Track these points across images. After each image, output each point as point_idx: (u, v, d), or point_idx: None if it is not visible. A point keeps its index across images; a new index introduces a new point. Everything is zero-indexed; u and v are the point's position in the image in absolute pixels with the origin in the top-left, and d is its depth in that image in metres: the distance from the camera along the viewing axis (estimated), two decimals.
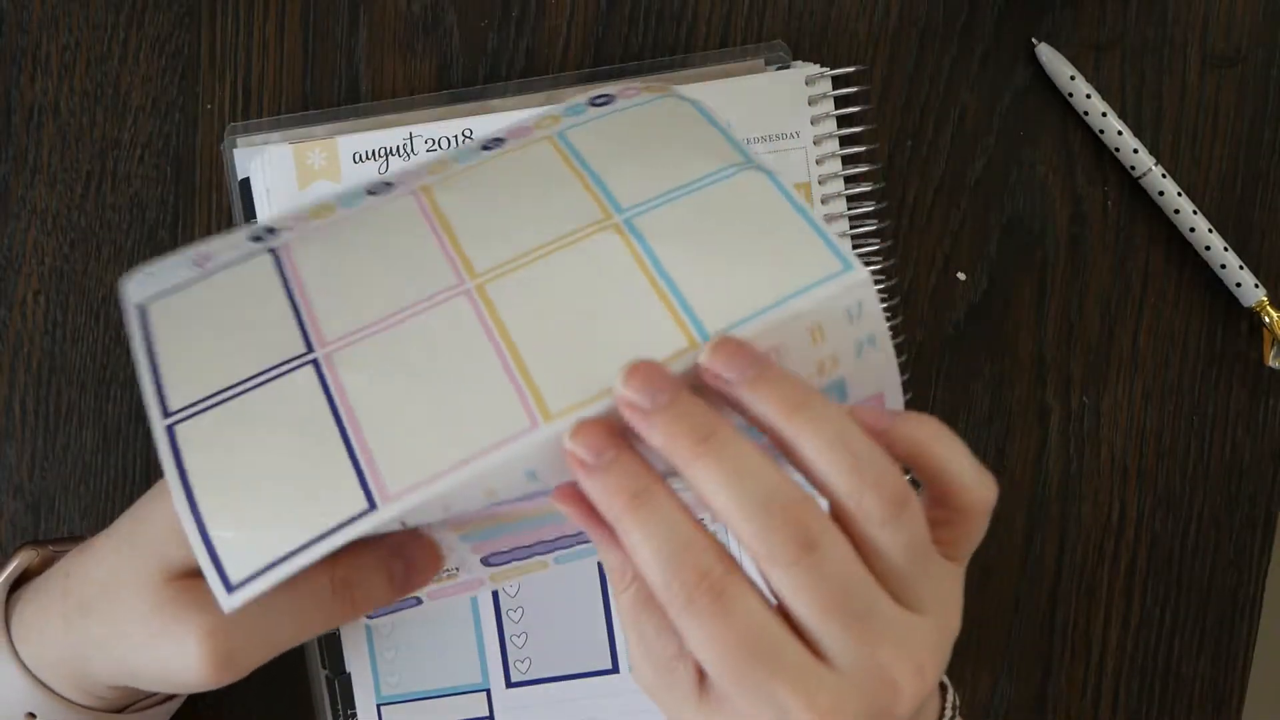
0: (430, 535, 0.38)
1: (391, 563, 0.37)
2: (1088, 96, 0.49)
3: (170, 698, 0.43)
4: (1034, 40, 0.50)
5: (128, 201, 0.48)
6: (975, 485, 0.34)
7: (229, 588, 0.32)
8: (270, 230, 0.40)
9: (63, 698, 0.39)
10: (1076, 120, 0.50)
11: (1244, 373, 0.51)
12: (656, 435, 0.32)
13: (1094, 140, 0.50)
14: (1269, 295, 0.50)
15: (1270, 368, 0.50)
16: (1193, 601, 0.51)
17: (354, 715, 0.46)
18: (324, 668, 0.46)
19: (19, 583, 0.41)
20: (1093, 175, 0.50)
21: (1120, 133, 0.49)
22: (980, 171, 0.50)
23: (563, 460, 0.33)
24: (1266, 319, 0.50)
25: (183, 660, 0.36)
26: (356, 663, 0.46)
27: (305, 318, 0.37)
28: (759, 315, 0.35)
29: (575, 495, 0.33)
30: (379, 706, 0.46)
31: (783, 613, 0.32)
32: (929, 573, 0.33)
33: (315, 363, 0.36)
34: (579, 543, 0.41)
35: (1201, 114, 0.51)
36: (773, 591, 0.32)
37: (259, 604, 0.32)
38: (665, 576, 0.31)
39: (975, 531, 0.34)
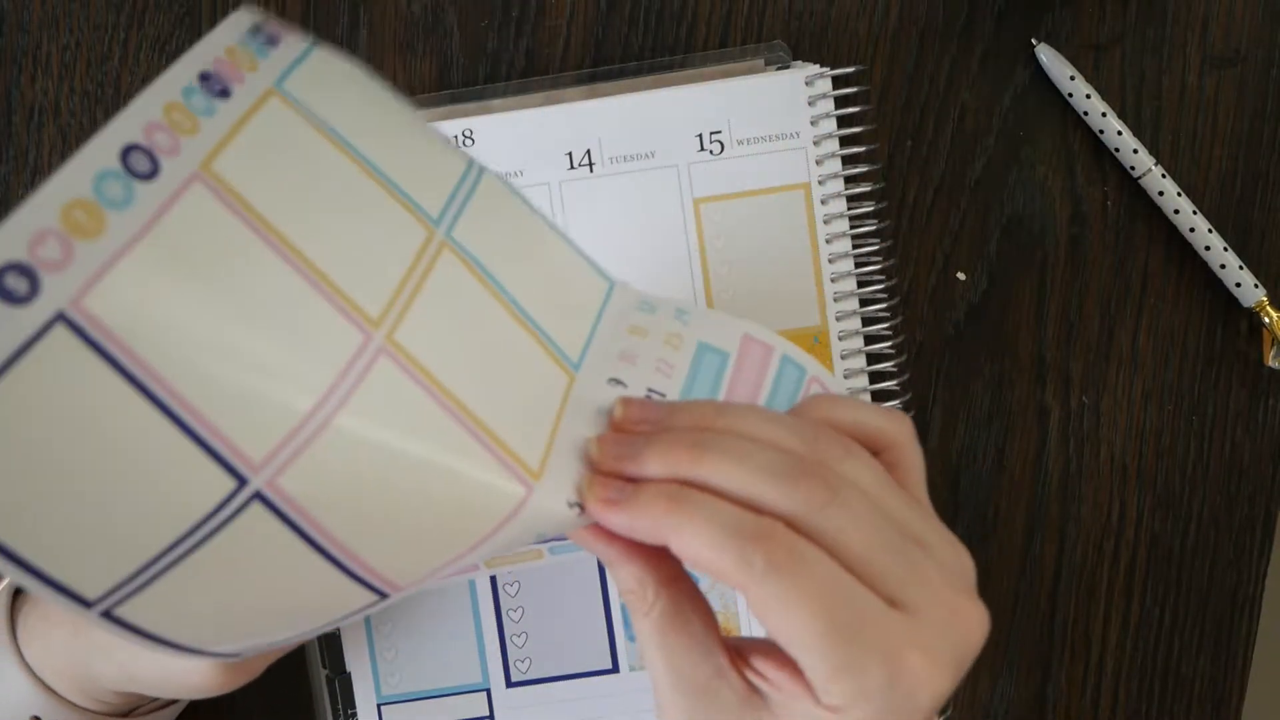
0: None
1: None
2: (1088, 96, 0.49)
3: (172, 701, 0.43)
4: (1034, 40, 0.50)
5: None
6: (889, 422, 0.33)
7: (239, 656, 0.34)
8: (20, 271, 0.26)
9: (67, 701, 0.39)
10: (1076, 120, 0.50)
11: (1244, 373, 0.51)
12: (654, 464, 0.31)
13: (1094, 140, 0.50)
14: (1269, 295, 0.50)
15: (1270, 368, 0.50)
16: (1193, 601, 0.51)
17: (354, 715, 0.46)
18: (324, 668, 0.46)
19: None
20: (1093, 175, 0.50)
21: (1120, 133, 0.49)
22: (980, 171, 0.50)
23: (566, 507, 0.32)
24: (1266, 319, 0.50)
25: (189, 665, 0.36)
26: (356, 663, 0.46)
27: (215, 444, 0.29)
28: (592, 335, 0.37)
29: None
30: (379, 706, 0.46)
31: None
32: (914, 509, 0.32)
33: (260, 496, 0.30)
34: None
35: (1201, 114, 0.51)
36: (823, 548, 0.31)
37: None
38: (738, 550, 0.29)
39: (911, 461, 0.34)
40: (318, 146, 0.33)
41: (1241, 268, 0.50)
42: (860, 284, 0.48)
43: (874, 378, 0.48)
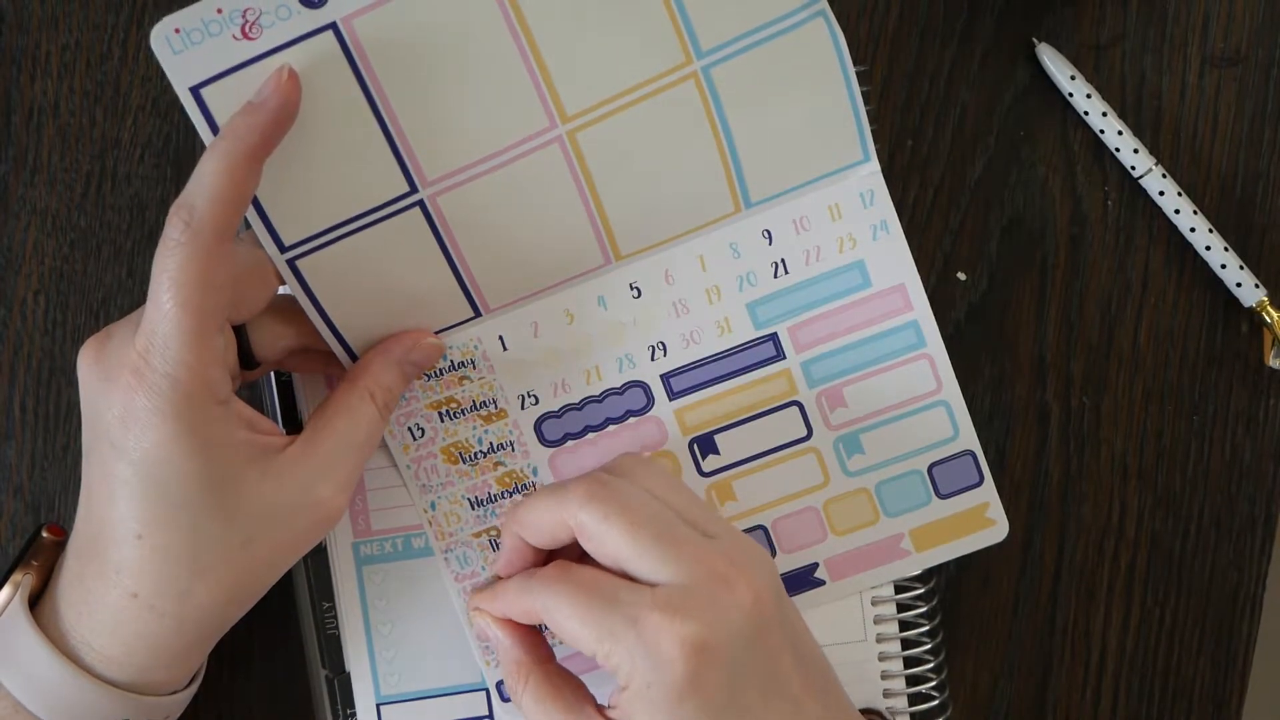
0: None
1: (404, 367, 0.43)
2: (1088, 96, 0.49)
3: (190, 684, 0.42)
4: (1034, 40, 0.50)
5: (128, 201, 0.48)
6: (563, 513, 0.40)
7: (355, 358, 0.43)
8: None
9: (145, 694, 0.39)
10: (1076, 120, 0.50)
11: (1244, 373, 0.51)
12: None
13: (1094, 140, 0.50)
14: (1269, 295, 0.50)
15: (1270, 368, 0.50)
16: (1193, 601, 0.51)
17: (354, 715, 0.46)
18: (324, 668, 0.46)
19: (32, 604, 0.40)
20: (1093, 175, 0.50)
21: (1120, 133, 0.49)
22: (980, 171, 0.50)
23: (629, 292, 0.45)
24: (1267, 319, 0.50)
25: (324, 511, 0.40)
26: (356, 663, 0.46)
27: (405, 156, 0.40)
28: (791, 191, 0.45)
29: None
30: (379, 706, 0.46)
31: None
32: (707, 511, 0.40)
33: (421, 203, 0.41)
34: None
35: (1201, 114, 0.51)
36: (596, 555, 0.39)
37: (332, 433, 0.40)
38: (560, 494, 0.39)
39: (591, 531, 0.39)
40: None
41: (1242, 268, 0.50)
42: None
43: None
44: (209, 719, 0.47)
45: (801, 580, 0.46)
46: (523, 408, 0.45)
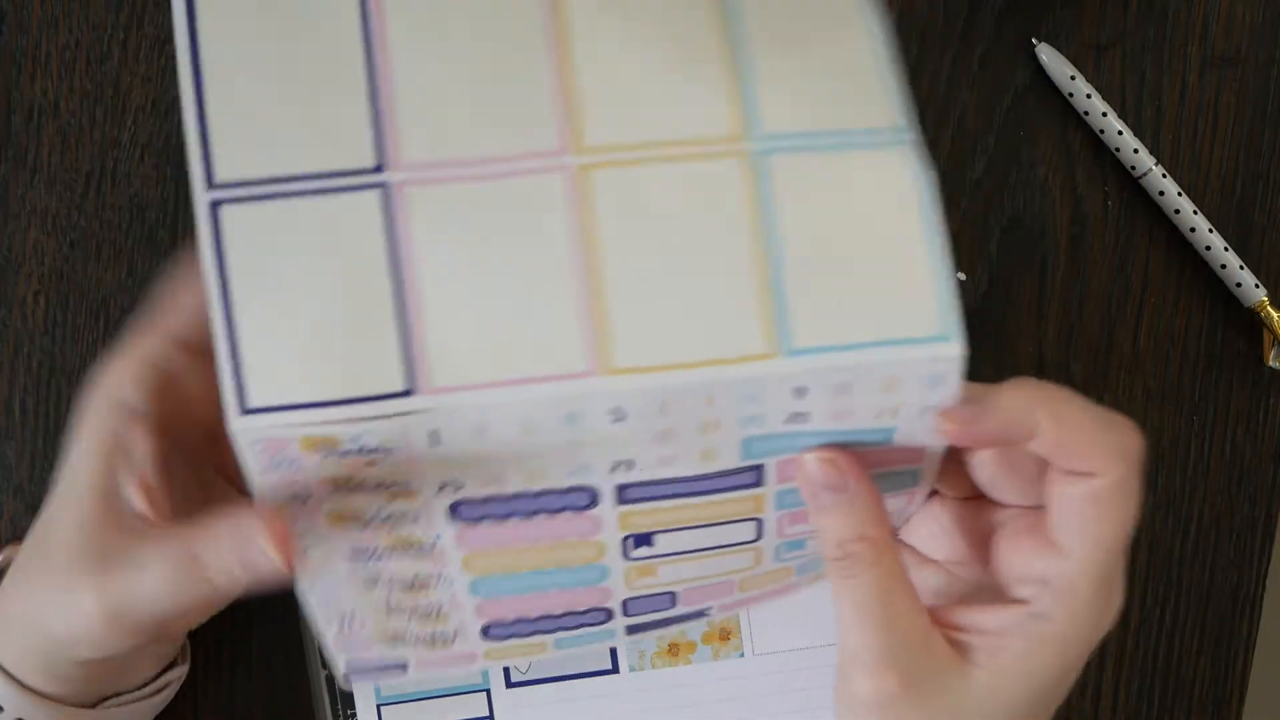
0: (429, 564, 0.36)
1: (248, 547, 0.33)
2: (1088, 96, 0.49)
3: (154, 694, 0.42)
4: (1034, 40, 0.50)
5: (128, 201, 0.48)
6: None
7: (244, 409, 0.31)
8: None
9: (46, 696, 0.38)
10: (1076, 120, 0.50)
11: (1244, 373, 0.51)
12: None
13: (1094, 140, 0.50)
14: (1269, 295, 0.50)
15: (1270, 368, 0.50)
16: (1193, 601, 0.51)
17: (354, 715, 0.46)
18: (324, 668, 0.46)
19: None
20: (1093, 175, 0.50)
21: (1120, 133, 0.49)
22: (980, 171, 0.50)
23: (607, 416, 0.32)
24: (1267, 319, 0.50)
25: (83, 621, 0.36)
26: None
27: (384, 123, 0.32)
28: (845, 350, 0.32)
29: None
30: (379, 706, 0.46)
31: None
32: None
33: (384, 188, 0.32)
34: (585, 624, 0.39)
35: (1201, 114, 0.51)
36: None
37: (132, 560, 0.35)
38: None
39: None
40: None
41: (1242, 268, 0.50)
42: None
43: None
44: (209, 719, 0.47)
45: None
46: (439, 491, 0.35)
